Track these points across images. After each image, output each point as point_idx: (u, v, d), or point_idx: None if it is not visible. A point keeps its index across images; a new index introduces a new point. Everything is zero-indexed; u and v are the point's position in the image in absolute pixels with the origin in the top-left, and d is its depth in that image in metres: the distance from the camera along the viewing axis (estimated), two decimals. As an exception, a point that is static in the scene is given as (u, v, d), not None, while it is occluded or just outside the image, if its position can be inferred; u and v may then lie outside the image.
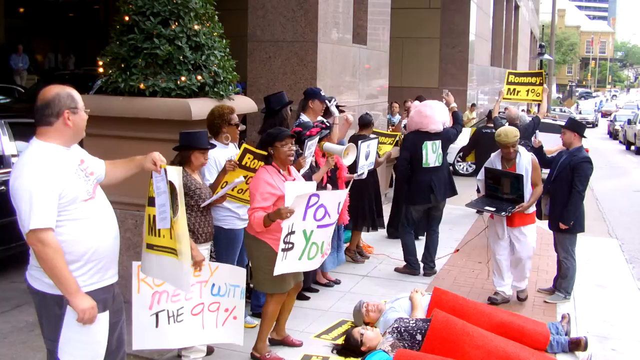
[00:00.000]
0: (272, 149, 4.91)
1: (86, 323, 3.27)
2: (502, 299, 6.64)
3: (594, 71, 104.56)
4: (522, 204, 6.38)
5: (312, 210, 4.71)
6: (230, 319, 4.77)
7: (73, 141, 3.41)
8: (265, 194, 4.75)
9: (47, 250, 3.14)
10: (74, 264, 3.27)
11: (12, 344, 5.45)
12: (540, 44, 37.55)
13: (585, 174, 6.53)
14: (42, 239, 3.14)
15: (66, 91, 3.37)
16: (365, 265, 7.95)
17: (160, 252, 3.79)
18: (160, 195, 3.70)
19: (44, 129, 3.34)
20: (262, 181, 4.80)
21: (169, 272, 3.81)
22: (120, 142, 5.68)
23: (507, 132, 6.45)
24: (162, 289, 4.38)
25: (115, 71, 5.75)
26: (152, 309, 4.34)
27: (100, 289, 3.41)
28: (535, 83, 10.01)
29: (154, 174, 3.71)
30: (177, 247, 3.65)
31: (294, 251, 4.73)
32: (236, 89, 6.23)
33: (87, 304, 3.24)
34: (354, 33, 10.33)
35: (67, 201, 3.23)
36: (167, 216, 3.66)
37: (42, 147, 3.31)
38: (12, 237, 6.92)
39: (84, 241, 3.30)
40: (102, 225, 3.41)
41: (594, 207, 12.81)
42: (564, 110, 41.73)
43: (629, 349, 5.76)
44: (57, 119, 3.30)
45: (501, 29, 27.41)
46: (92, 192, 3.40)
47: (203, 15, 5.87)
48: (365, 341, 5.21)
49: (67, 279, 3.19)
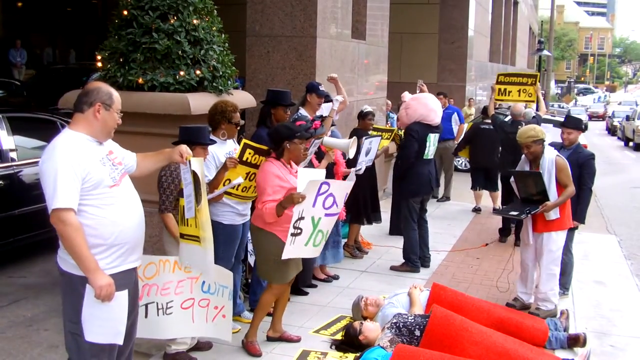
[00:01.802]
0: (289, 143, 4.98)
1: (104, 300, 3.42)
2: (520, 305, 6.34)
3: (593, 67, 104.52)
4: (546, 203, 5.96)
5: (322, 198, 4.87)
6: (220, 317, 4.84)
7: (101, 136, 3.59)
8: (275, 186, 4.86)
9: (68, 229, 3.31)
10: (99, 247, 3.45)
11: (10, 338, 5.44)
12: (539, 39, 37.57)
13: (594, 171, 6.52)
14: (64, 218, 3.31)
15: (108, 89, 3.62)
16: (363, 260, 7.95)
17: (188, 241, 4.21)
18: (187, 187, 4.02)
19: (76, 116, 3.55)
20: (272, 174, 4.90)
21: (195, 259, 4.25)
22: (119, 136, 5.63)
23: (520, 132, 6.17)
24: (153, 282, 4.49)
25: (113, 66, 5.73)
26: (142, 300, 4.41)
27: (123, 272, 3.58)
28: (527, 83, 9.96)
29: (182, 166, 4.02)
30: (201, 234, 4.01)
31: (301, 237, 4.88)
32: (235, 84, 6.21)
33: (104, 281, 3.40)
34: (353, 28, 10.32)
35: (91, 185, 3.40)
36: (192, 206, 4.00)
37: (71, 134, 3.50)
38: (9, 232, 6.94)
39: (108, 225, 3.47)
40: (126, 211, 3.57)
41: (593, 203, 12.72)
42: (562, 106, 41.73)
43: (627, 345, 5.76)
44: (89, 108, 3.51)
45: (500, 24, 27.38)
46: (119, 180, 3.58)
47: (202, 9, 5.85)
48: (364, 330, 5.21)
49: (86, 257, 3.36)
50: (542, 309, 6.13)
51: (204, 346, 5.20)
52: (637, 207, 13.69)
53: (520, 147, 6.17)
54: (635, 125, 28.49)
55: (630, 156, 25.86)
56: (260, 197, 4.93)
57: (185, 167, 3.96)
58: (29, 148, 7.29)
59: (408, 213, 7.53)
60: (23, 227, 7.01)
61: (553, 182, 6.03)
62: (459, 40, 19.72)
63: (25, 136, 7.37)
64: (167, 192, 4.74)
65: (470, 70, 20.42)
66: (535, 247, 6.23)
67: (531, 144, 6.05)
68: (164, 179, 4.77)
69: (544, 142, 6.12)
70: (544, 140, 6.11)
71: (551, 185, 6.02)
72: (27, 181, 7.04)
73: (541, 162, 6.08)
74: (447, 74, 19.59)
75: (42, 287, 6.59)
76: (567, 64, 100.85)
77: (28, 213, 6.92)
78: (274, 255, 4.96)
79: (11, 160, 6.99)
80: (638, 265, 8.71)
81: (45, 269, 7.06)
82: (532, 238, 6.19)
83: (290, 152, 5.02)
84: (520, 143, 6.14)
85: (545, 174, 6.00)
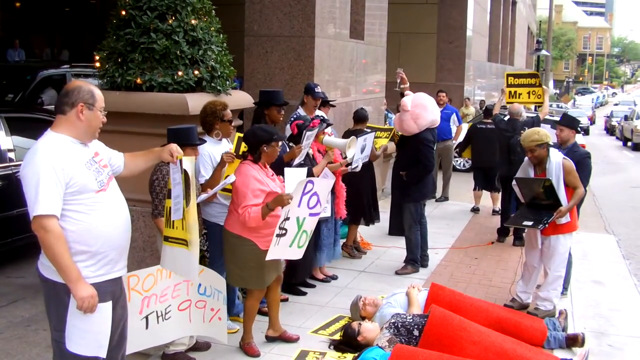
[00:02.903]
0: (267, 147, 4.90)
1: (86, 311, 3.30)
2: (518, 305, 6.30)
3: (591, 67, 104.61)
4: (560, 209, 5.89)
5: (307, 197, 4.81)
6: (216, 319, 4.85)
7: (85, 138, 3.46)
8: (256, 190, 4.76)
9: (49, 237, 3.20)
10: (83, 254, 3.33)
11: (8, 339, 5.44)
12: (537, 39, 37.53)
13: (589, 170, 6.51)
14: (45, 225, 3.20)
15: (89, 87, 3.47)
16: (362, 260, 7.94)
17: (173, 244, 3.95)
18: (176, 187, 3.83)
19: (58, 117, 3.41)
20: (252, 178, 4.80)
21: (179, 263, 3.97)
22: (117, 136, 5.63)
23: (524, 136, 6.11)
24: (151, 293, 4.45)
25: (112, 66, 5.72)
26: (142, 313, 4.40)
27: (108, 280, 3.45)
28: (535, 84, 10.02)
29: (171, 166, 3.83)
30: (188, 237, 3.80)
31: (286, 237, 4.81)
32: (233, 84, 6.21)
33: (86, 293, 3.27)
34: (351, 28, 10.32)
35: (75, 190, 3.28)
36: (180, 207, 3.78)
37: (53, 137, 3.38)
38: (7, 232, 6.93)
39: (93, 231, 3.34)
40: (113, 217, 3.45)
41: (591, 203, 12.81)
42: (560, 106, 41.71)
43: (625, 344, 5.76)
44: (71, 109, 3.37)
45: (498, 24, 27.40)
46: (106, 183, 3.45)
47: (200, 9, 5.84)
48: (363, 331, 5.21)
49: (68, 266, 3.23)
50: (541, 308, 6.13)
51: (202, 346, 5.20)
52: (635, 206, 13.70)
53: (514, 146, 6.17)
54: (633, 125, 28.53)
55: (629, 156, 25.89)
56: (241, 202, 4.77)
57: (175, 166, 3.82)
58: (27, 148, 7.22)
59: (415, 216, 7.45)
60: (21, 227, 6.98)
61: (562, 185, 5.98)
62: (457, 40, 19.74)
63: (23, 136, 7.36)
64: (160, 196, 4.70)
65: (468, 70, 20.44)
66: (541, 250, 6.18)
67: (535, 147, 5.99)
68: (157, 183, 4.74)
69: (548, 145, 6.05)
70: (548, 144, 6.04)
71: (560, 189, 5.96)
72: (25, 182, 7.02)
73: (547, 166, 6.01)
74: (446, 73, 19.60)
75: (40, 288, 6.55)
76: (566, 63, 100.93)
77: (26, 213, 6.87)
78: (251, 262, 4.89)
79: (9, 161, 6.99)
80: (636, 265, 8.71)
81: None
82: (540, 241, 6.13)
83: (267, 155, 4.93)
84: (523, 147, 6.11)
85: (553, 178, 5.94)
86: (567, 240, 6.14)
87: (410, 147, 7.30)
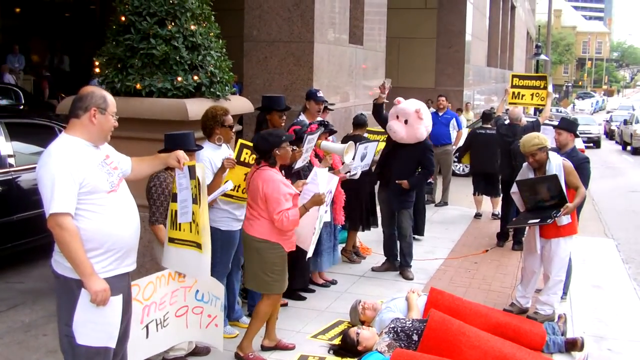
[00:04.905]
0: (279, 149, 4.92)
1: (99, 304, 3.44)
2: (517, 310, 6.28)
3: (590, 71, 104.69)
4: (567, 205, 5.85)
5: (329, 196, 5.19)
6: (212, 325, 4.84)
7: (98, 140, 3.61)
8: (287, 195, 4.85)
9: (64, 234, 3.33)
10: (95, 251, 3.46)
11: (7, 344, 5.43)
12: (536, 44, 37.45)
13: (588, 175, 6.51)
14: (60, 223, 3.32)
15: (102, 92, 3.63)
16: (361, 265, 7.94)
17: (180, 245, 4.20)
18: (182, 192, 4.04)
19: (72, 121, 3.56)
20: (280, 183, 4.86)
21: (189, 263, 4.23)
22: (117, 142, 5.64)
23: (524, 141, 6.10)
24: (151, 301, 4.43)
25: (111, 71, 5.74)
26: (143, 322, 4.40)
27: (117, 276, 3.58)
28: (540, 87, 10.03)
29: (177, 171, 4.03)
30: (200, 240, 4.05)
31: (315, 235, 5.23)
32: (233, 90, 6.23)
33: (100, 286, 3.41)
34: (350, 33, 10.35)
35: (88, 190, 3.42)
36: (188, 211, 4.00)
37: (67, 139, 3.51)
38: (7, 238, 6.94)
39: (104, 230, 3.48)
40: (123, 217, 3.59)
41: (590, 207, 12.81)
42: (560, 110, 41.72)
43: (625, 349, 5.76)
44: (84, 113, 3.52)
45: (497, 29, 27.45)
46: (116, 185, 3.60)
47: (199, 15, 5.87)
48: (362, 340, 5.21)
49: (82, 262, 3.37)
50: (541, 313, 6.13)
51: (201, 351, 5.19)
52: (635, 211, 13.69)
53: (515, 151, 6.16)
54: (633, 130, 28.52)
55: (629, 160, 25.88)
56: (275, 208, 4.77)
57: (181, 172, 3.96)
58: (27, 154, 7.27)
59: (409, 219, 7.54)
60: (21, 232, 7.01)
61: (563, 186, 5.97)
62: (456, 44, 19.79)
63: (23, 142, 7.37)
64: (157, 203, 4.72)
65: (467, 74, 20.48)
66: (542, 254, 6.16)
67: (536, 151, 5.98)
68: (154, 189, 4.75)
69: (547, 149, 6.07)
70: (547, 148, 6.07)
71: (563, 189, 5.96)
72: (25, 187, 7.03)
73: (547, 169, 6.01)
74: (445, 78, 19.65)
75: (40, 293, 6.58)
76: (565, 68, 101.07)
77: (26, 218, 6.91)
78: (278, 266, 4.98)
79: (9, 166, 6.99)
80: (636, 269, 8.71)
81: (43, 275, 7.05)
82: (540, 245, 6.11)
83: (280, 157, 4.95)
84: (524, 152, 6.08)
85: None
86: (568, 243, 6.14)
87: (412, 155, 7.28)
